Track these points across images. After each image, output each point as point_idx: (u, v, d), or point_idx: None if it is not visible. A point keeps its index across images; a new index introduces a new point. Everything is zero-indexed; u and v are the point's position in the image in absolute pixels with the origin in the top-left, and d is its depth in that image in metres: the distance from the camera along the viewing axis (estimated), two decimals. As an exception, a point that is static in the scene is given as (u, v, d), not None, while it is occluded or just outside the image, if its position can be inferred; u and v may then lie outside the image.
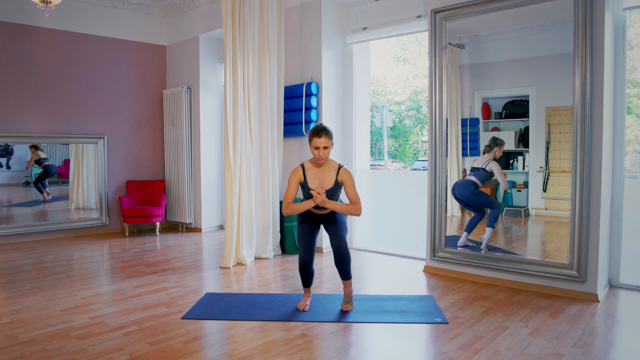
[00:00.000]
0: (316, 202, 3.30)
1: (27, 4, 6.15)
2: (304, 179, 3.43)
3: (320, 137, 3.33)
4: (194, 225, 7.18)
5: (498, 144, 4.29)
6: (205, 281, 4.39)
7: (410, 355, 2.78)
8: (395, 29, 5.28)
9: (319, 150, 3.34)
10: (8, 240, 6.21)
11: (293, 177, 3.44)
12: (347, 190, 3.41)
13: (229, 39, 4.99)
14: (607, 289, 3.98)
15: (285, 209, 3.40)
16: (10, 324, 3.24)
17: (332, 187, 3.41)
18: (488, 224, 4.36)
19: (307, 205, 3.36)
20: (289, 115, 5.71)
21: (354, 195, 3.40)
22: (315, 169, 3.45)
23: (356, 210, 3.37)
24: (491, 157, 4.31)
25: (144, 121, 7.38)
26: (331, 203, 3.34)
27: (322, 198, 3.27)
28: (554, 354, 2.76)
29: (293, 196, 3.43)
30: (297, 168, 3.47)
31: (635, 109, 19.12)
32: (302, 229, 3.51)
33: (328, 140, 3.35)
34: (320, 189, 3.29)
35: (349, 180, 3.41)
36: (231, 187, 5.02)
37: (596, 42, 3.67)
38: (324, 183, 3.42)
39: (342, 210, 3.38)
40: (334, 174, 3.43)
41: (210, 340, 3.00)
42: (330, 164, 3.45)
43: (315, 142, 3.34)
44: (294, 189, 3.44)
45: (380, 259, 5.27)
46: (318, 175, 3.43)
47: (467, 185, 4.43)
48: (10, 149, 6.37)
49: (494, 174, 4.30)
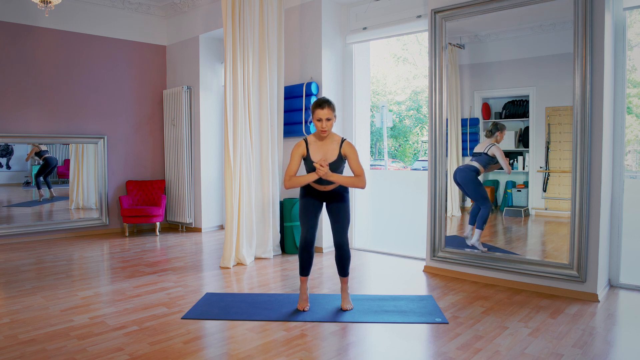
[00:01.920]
0: (319, 175, 3.27)
1: (27, 4, 6.15)
2: (307, 153, 3.40)
3: (323, 108, 3.31)
4: (194, 225, 7.18)
5: (499, 129, 4.26)
6: (205, 281, 4.39)
7: (410, 355, 2.78)
8: (395, 29, 5.28)
9: (322, 122, 3.32)
10: (8, 240, 6.22)
11: (296, 150, 3.41)
12: (351, 163, 3.39)
13: (229, 39, 4.99)
14: (607, 289, 3.98)
15: (288, 181, 3.35)
16: (10, 324, 3.24)
17: (335, 160, 3.38)
18: (477, 226, 4.36)
19: (309, 178, 3.32)
20: (289, 115, 5.71)
21: (358, 167, 3.37)
22: (318, 142, 3.42)
23: (360, 182, 3.34)
24: (493, 142, 4.28)
25: (144, 121, 7.38)
26: (334, 175, 3.30)
27: (325, 170, 3.25)
28: (554, 354, 2.76)
29: (295, 169, 3.39)
30: (300, 142, 3.44)
31: (635, 109, 19.13)
32: (305, 205, 3.47)
33: (331, 112, 3.33)
34: (323, 162, 3.27)
35: (353, 153, 3.39)
36: (231, 187, 5.02)
37: (596, 42, 3.67)
38: (327, 156, 3.38)
39: (346, 182, 3.34)
40: (337, 147, 3.40)
41: (210, 340, 3.00)
42: (333, 138, 3.42)
43: (318, 114, 3.32)
44: (296, 162, 3.40)
45: (380, 259, 5.28)
46: (321, 148, 3.40)
47: (468, 171, 4.40)
48: (10, 149, 6.37)
49: (496, 158, 4.28)
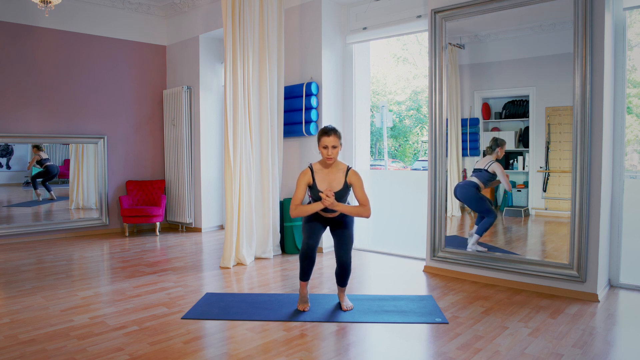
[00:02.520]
0: (325, 205, 3.28)
1: (27, 4, 6.15)
2: (313, 181, 3.41)
3: (329, 136, 3.32)
4: (194, 225, 7.18)
5: (499, 145, 4.27)
6: (205, 281, 4.39)
7: (410, 355, 2.78)
8: (395, 29, 5.28)
9: (328, 150, 3.33)
10: (8, 240, 6.21)
11: (302, 178, 3.42)
12: (356, 192, 3.40)
13: (229, 39, 4.99)
14: (607, 289, 3.98)
15: (294, 211, 3.36)
16: (10, 324, 3.24)
17: (341, 188, 3.39)
18: (477, 231, 4.37)
19: (315, 208, 3.34)
20: (289, 115, 5.71)
21: (363, 197, 3.38)
22: (323, 170, 3.43)
23: (365, 212, 3.35)
24: (493, 158, 4.29)
25: (144, 121, 7.38)
26: (340, 205, 3.32)
27: (332, 200, 3.26)
28: (554, 354, 2.76)
29: (301, 198, 3.40)
30: (305, 170, 3.45)
31: (635, 109, 19.13)
32: (309, 222, 3.49)
33: (337, 140, 3.34)
34: (329, 192, 3.28)
35: (358, 182, 3.40)
36: (231, 187, 5.02)
37: (596, 42, 3.67)
38: (332, 185, 3.40)
39: (351, 212, 3.36)
40: (343, 175, 3.41)
41: (210, 340, 3.00)
42: (339, 166, 3.44)
43: (324, 141, 3.33)
44: (302, 190, 3.41)
45: (380, 259, 5.28)
46: (327, 177, 3.42)
47: (468, 187, 4.43)
48: (10, 149, 6.37)
49: (496, 175, 4.30)
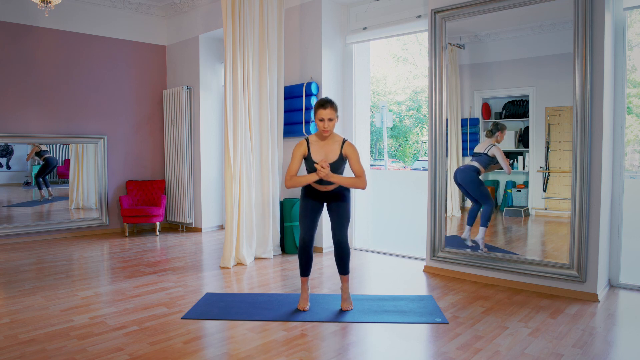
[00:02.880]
0: (320, 176, 3.26)
1: (27, 4, 6.15)
2: (308, 152, 3.40)
3: (325, 108, 3.31)
4: (194, 225, 7.18)
5: (500, 129, 4.26)
6: (205, 281, 4.39)
7: (410, 355, 2.78)
8: (395, 29, 5.28)
9: (324, 122, 3.32)
10: (8, 240, 6.21)
11: (297, 150, 3.41)
12: (352, 164, 3.39)
13: (229, 39, 4.99)
14: (607, 289, 3.98)
15: (288, 181, 3.35)
16: (10, 324, 3.24)
17: (336, 160, 3.38)
18: (481, 223, 4.36)
19: (310, 178, 3.32)
20: (289, 115, 5.71)
21: (359, 168, 3.37)
22: (319, 142, 3.42)
23: (361, 183, 3.34)
24: (493, 142, 4.29)
25: (144, 121, 7.38)
26: (335, 176, 3.30)
27: (326, 171, 3.24)
28: (554, 354, 2.76)
29: (296, 169, 3.39)
30: (301, 141, 3.43)
31: (635, 109, 19.13)
32: (305, 206, 3.47)
33: (333, 112, 3.33)
34: (324, 162, 3.26)
35: (354, 154, 3.39)
36: (231, 187, 5.02)
37: (596, 42, 3.67)
38: (328, 156, 3.39)
39: (346, 183, 3.34)
40: (338, 147, 3.40)
41: (210, 340, 3.00)
42: (335, 138, 3.43)
43: (320, 114, 3.32)
44: (297, 161, 3.40)
45: (380, 259, 5.28)
46: (322, 148, 3.41)
47: (468, 171, 4.41)
48: (10, 149, 6.37)
49: (496, 158, 4.28)
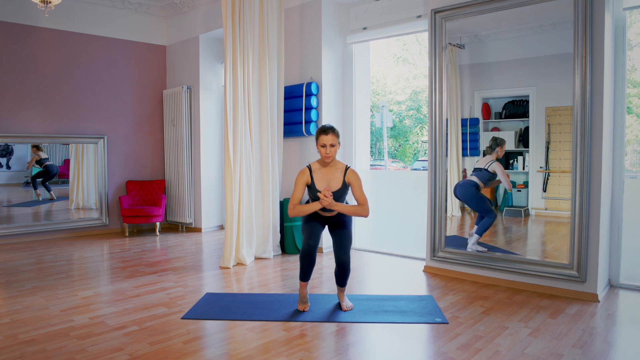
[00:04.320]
0: (323, 205, 3.28)
1: (27, 4, 6.15)
2: (311, 181, 3.40)
3: (327, 134, 3.32)
4: (194, 225, 7.18)
5: (499, 144, 4.27)
6: (205, 281, 4.39)
7: (410, 355, 2.78)
8: (395, 29, 5.28)
9: (326, 148, 3.32)
10: (8, 240, 6.21)
11: (300, 178, 3.41)
12: (355, 192, 3.39)
13: (229, 39, 4.99)
14: (607, 289, 3.98)
15: (292, 210, 3.36)
16: (10, 324, 3.24)
17: (339, 188, 3.39)
18: (477, 231, 4.37)
19: (313, 208, 3.34)
20: (289, 115, 5.71)
21: (362, 196, 3.37)
22: (322, 169, 3.42)
23: (364, 211, 3.35)
24: (493, 158, 4.29)
25: (144, 121, 7.38)
26: (339, 205, 3.31)
27: (330, 201, 3.25)
28: (554, 354, 2.76)
29: (299, 198, 3.40)
30: (304, 169, 3.44)
31: (635, 109, 19.13)
32: (308, 222, 3.48)
33: (335, 138, 3.33)
34: (327, 192, 3.26)
35: (357, 181, 3.39)
36: (231, 187, 5.02)
37: (596, 42, 3.67)
38: (331, 184, 3.39)
39: (349, 212, 3.35)
40: (341, 175, 3.40)
41: (210, 340, 3.00)
42: (337, 165, 3.43)
43: (322, 140, 3.32)
44: (300, 190, 3.40)
45: (380, 259, 5.27)
46: (325, 176, 3.41)
47: (468, 187, 4.43)
48: (10, 149, 6.37)
49: (496, 174, 4.30)
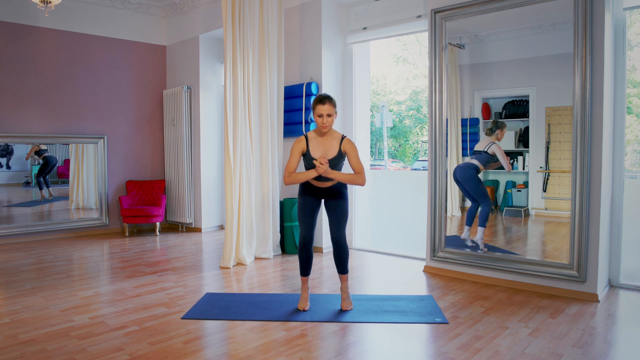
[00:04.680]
0: (319, 172, 3.27)
1: (27, 4, 6.15)
2: (307, 149, 3.40)
3: (324, 104, 3.32)
4: (194, 225, 7.18)
5: (500, 127, 4.26)
6: (205, 281, 4.39)
7: (410, 355, 2.78)
8: (395, 29, 5.28)
9: (323, 118, 3.32)
10: (8, 240, 6.21)
11: (296, 146, 3.41)
12: (351, 160, 3.39)
13: (229, 39, 4.99)
14: (607, 289, 3.98)
15: (287, 178, 3.35)
16: (10, 324, 3.24)
17: (335, 156, 3.38)
18: (479, 224, 4.36)
19: (309, 175, 3.32)
20: (289, 115, 5.71)
21: (358, 164, 3.37)
22: (318, 138, 3.42)
23: (360, 179, 3.34)
24: (493, 140, 4.29)
25: (144, 121, 7.38)
26: (334, 173, 3.30)
27: (325, 168, 3.25)
28: (554, 354, 2.76)
29: (295, 165, 3.39)
30: (300, 138, 3.43)
31: (635, 109, 19.14)
32: (304, 203, 3.47)
33: (332, 108, 3.33)
34: (322, 159, 3.26)
35: (352, 150, 3.39)
36: (231, 187, 5.02)
37: (596, 42, 3.67)
38: (327, 153, 3.39)
39: (345, 179, 3.34)
40: (337, 143, 3.40)
41: (210, 340, 3.00)
42: (334, 134, 3.43)
43: (319, 110, 3.32)
44: (296, 158, 3.40)
45: (380, 259, 5.28)
46: (321, 144, 3.40)
47: (468, 169, 4.41)
48: (10, 149, 6.37)
49: (496, 156, 4.28)
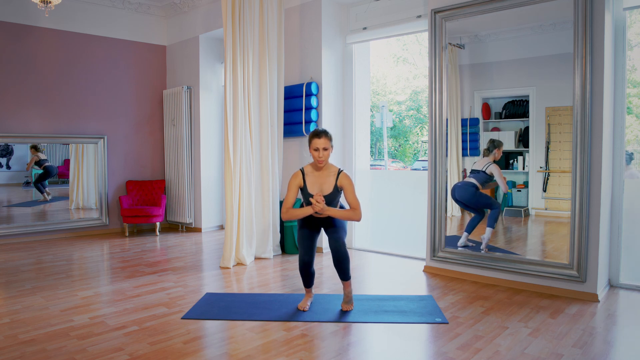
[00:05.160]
0: (315, 210, 3.29)
1: (27, 4, 6.15)
2: (304, 184, 3.43)
3: (320, 137, 3.33)
4: (194, 225, 7.18)
5: (496, 146, 4.29)
6: (205, 281, 4.39)
7: (410, 355, 2.78)
8: (395, 29, 5.28)
9: (319, 152, 3.34)
10: (8, 240, 6.21)
11: (293, 181, 3.44)
12: (347, 196, 3.40)
13: (229, 39, 4.99)
14: (607, 289, 3.98)
15: (285, 214, 3.39)
16: (10, 324, 3.24)
17: (331, 192, 3.40)
18: (488, 224, 4.36)
19: (306, 212, 3.35)
20: (289, 115, 5.71)
21: (354, 200, 3.39)
22: (315, 173, 3.44)
23: (356, 216, 3.36)
24: (491, 160, 4.31)
25: (144, 121, 7.38)
26: (331, 210, 3.33)
27: (322, 206, 3.27)
28: (554, 354, 2.76)
29: (292, 201, 3.42)
30: (296, 173, 3.46)
31: (635, 109, 19.13)
32: (302, 233, 3.50)
33: (328, 142, 3.35)
34: (319, 197, 3.28)
35: (349, 185, 3.40)
36: (231, 187, 5.02)
37: (596, 42, 3.67)
38: (323, 188, 3.41)
39: (341, 216, 3.37)
40: (334, 178, 3.42)
41: (210, 340, 3.00)
42: (330, 169, 3.45)
43: (315, 144, 3.34)
44: (293, 193, 3.43)
45: (380, 259, 5.27)
46: (318, 179, 3.43)
47: (467, 187, 4.43)
48: (10, 149, 6.37)
49: (494, 176, 4.31)
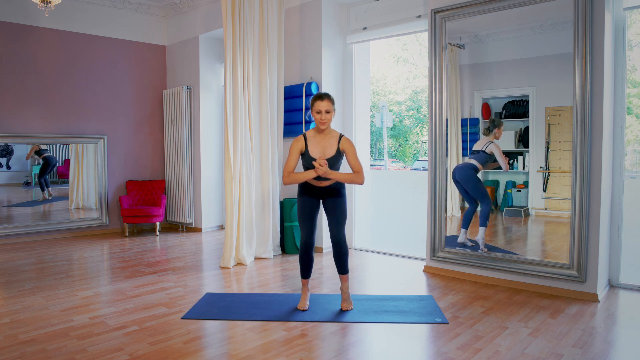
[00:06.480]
0: (318, 173, 3.27)
1: (27, 4, 6.15)
2: (306, 148, 3.40)
3: (322, 100, 3.32)
4: (194, 225, 7.18)
5: (497, 125, 4.27)
6: (205, 281, 4.39)
7: (410, 355, 2.78)
8: (395, 29, 5.28)
9: (321, 114, 3.33)
10: (8, 240, 6.21)
11: (294, 145, 3.41)
12: (349, 159, 3.40)
13: (229, 39, 4.99)
14: (607, 289, 3.98)
15: (286, 178, 3.35)
16: (10, 324, 3.25)
17: (333, 155, 3.39)
18: (480, 223, 4.37)
19: (308, 175, 3.32)
20: (289, 115, 5.71)
21: (356, 163, 3.38)
22: (317, 136, 3.42)
23: (359, 178, 3.35)
24: (491, 139, 4.29)
25: (144, 121, 7.38)
26: (333, 173, 3.30)
27: (325, 169, 3.25)
28: (554, 354, 2.76)
29: (294, 165, 3.39)
30: (298, 137, 3.43)
31: (635, 109, 19.14)
32: (303, 205, 3.47)
33: (330, 105, 3.34)
34: (322, 160, 3.26)
35: (351, 149, 3.40)
36: (231, 187, 5.02)
37: (596, 42, 3.67)
38: (325, 152, 3.39)
39: (344, 179, 3.35)
40: (336, 142, 3.41)
41: (210, 340, 3.00)
42: (332, 133, 3.44)
43: (317, 106, 3.33)
44: (294, 158, 3.40)
45: (380, 259, 5.28)
46: (320, 143, 3.41)
47: (467, 169, 4.42)
48: (10, 149, 6.37)
49: (494, 155, 4.29)
